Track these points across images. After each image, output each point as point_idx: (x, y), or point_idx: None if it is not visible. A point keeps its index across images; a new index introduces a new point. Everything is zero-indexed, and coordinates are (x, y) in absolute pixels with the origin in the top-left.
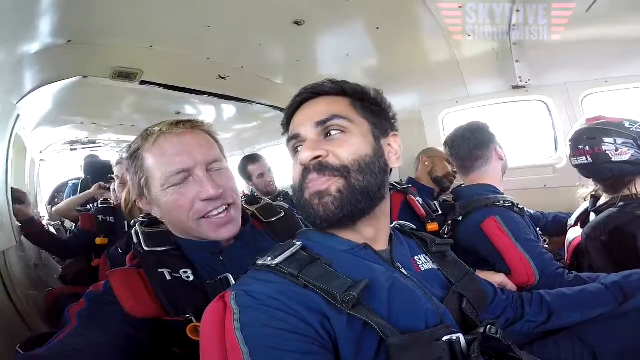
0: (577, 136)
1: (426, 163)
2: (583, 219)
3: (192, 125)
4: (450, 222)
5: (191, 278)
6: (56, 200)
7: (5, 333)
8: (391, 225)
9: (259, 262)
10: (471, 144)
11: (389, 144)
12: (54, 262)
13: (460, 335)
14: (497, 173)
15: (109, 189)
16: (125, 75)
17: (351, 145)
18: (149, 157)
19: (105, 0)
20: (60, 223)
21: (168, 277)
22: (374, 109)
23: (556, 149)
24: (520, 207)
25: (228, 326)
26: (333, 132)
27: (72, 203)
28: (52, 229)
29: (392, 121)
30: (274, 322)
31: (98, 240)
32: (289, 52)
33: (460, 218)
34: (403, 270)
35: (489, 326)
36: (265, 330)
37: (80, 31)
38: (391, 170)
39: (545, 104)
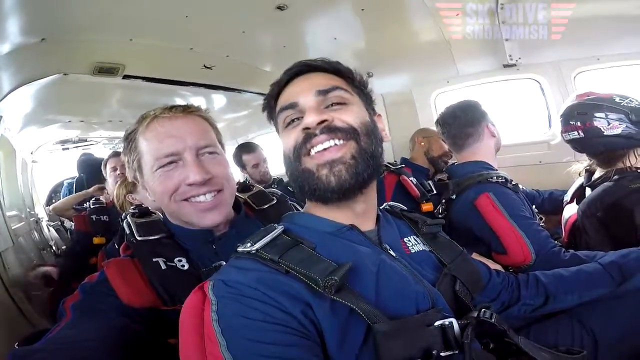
0: (568, 112)
1: (422, 143)
2: (578, 195)
3: (186, 109)
4: (444, 201)
5: (186, 267)
6: (53, 200)
7: (9, 332)
8: (381, 207)
9: (239, 248)
10: (462, 121)
11: (378, 123)
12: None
13: (453, 320)
14: (489, 150)
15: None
16: (106, 70)
17: (354, 112)
18: (142, 140)
19: None
20: (60, 223)
21: (163, 267)
22: (362, 89)
23: (550, 125)
24: (514, 183)
25: (207, 317)
26: (334, 103)
27: (69, 202)
28: (52, 230)
29: (373, 104)
30: (251, 312)
31: (96, 240)
32: (275, 38)
33: (454, 196)
34: (391, 252)
35: (483, 310)
36: (242, 322)
37: (54, 28)
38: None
39: (538, 82)
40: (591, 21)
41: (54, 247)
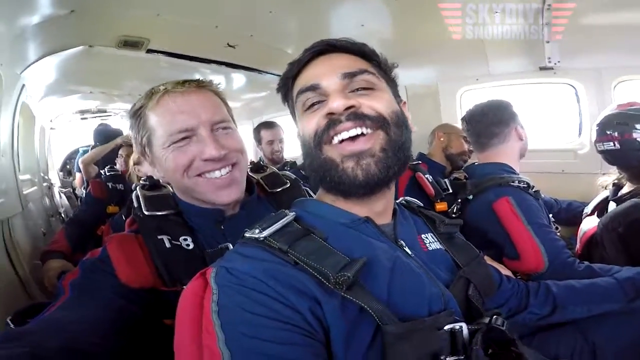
0: (606, 121)
1: (442, 139)
2: (601, 208)
3: (199, 84)
4: (460, 200)
5: (191, 246)
6: (67, 167)
7: (6, 302)
8: (397, 201)
9: (247, 234)
10: (490, 119)
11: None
12: None
13: (463, 325)
14: (514, 153)
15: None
16: (131, 44)
17: (384, 100)
18: (152, 116)
19: None
20: (71, 190)
21: (167, 245)
22: (390, 76)
23: (580, 134)
24: (536, 189)
25: (206, 307)
26: (361, 87)
27: (98, 152)
28: (63, 197)
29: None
30: (254, 306)
31: (109, 209)
32: (301, 21)
33: (471, 197)
34: (406, 249)
35: (494, 316)
36: (243, 315)
37: (83, 0)
38: None
39: (574, 87)
40: (637, 29)
41: (62, 214)
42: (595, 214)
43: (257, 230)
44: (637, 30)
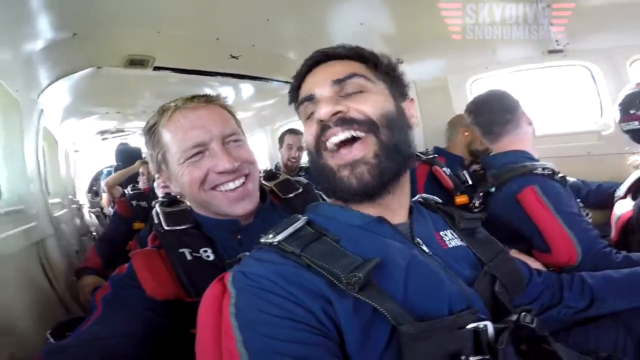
0: (628, 100)
1: (466, 134)
2: (634, 189)
3: (207, 99)
4: (482, 194)
5: (211, 257)
6: (94, 188)
7: (46, 316)
8: (413, 199)
9: (262, 239)
10: (498, 107)
11: (407, 109)
12: None
13: (488, 323)
14: (528, 138)
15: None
16: (138, 62)
17: (373, 102)
18: (165, 132)
19: None
20: (100, 210)
21: (189, 257)
22: (389, 73)
23: (602, 115)
24: (562, 175)
25: (224, 310)
26: (352, 91)
27: (117, 178)
28: (92, 216)
29: (406, 88)
30: (269, 307)
31: (136, 225)
32: (300, 26)
33: (493, 189)
34: (424, 247)
35: (523, 313)
36: (260, 316)
37: (83, 23)
38: None
39: (589, 69)
40: None
41: (94, 233)
42: (629, 196)
43: (271, 235)
44: None
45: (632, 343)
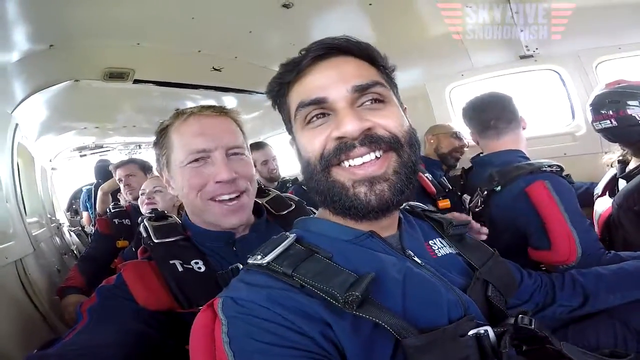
0: (598, 100)
1: (432, 141)
2: (611, 187)
3: (222, 110)
4: (485, 192)
5: (202, 269)
6: (74, 206)
7: (32, 339)
8: (400, 207)
9: (250, 260)
10: (500, 106)
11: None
12: None
13: (489, 328)
14: (524, 140)
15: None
16: (117, 75)
17: (395, 116)
18: (175, 134)
19: (83, 1)
20: (80, 228)
21: (180, 269)
22: (393, 80)
23: (573, 116)
24: (567, 173)
25: (217, 338)
26: (372, 102)
27: (113, 183)
28: (73, 235)
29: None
30: (264, 335)
31: (119, 243)
32: (282, 37)
33: (499, 188)
34: (416, 259)
35: (520, 316)
36: (254, 345)
37: (61, 35)
38: None
39: (558, 72)
40: (610, 10)
41: (75, 251)
42: (607, 194)
43: (259, 257)
44: (608, 10)
45: (632, 336)
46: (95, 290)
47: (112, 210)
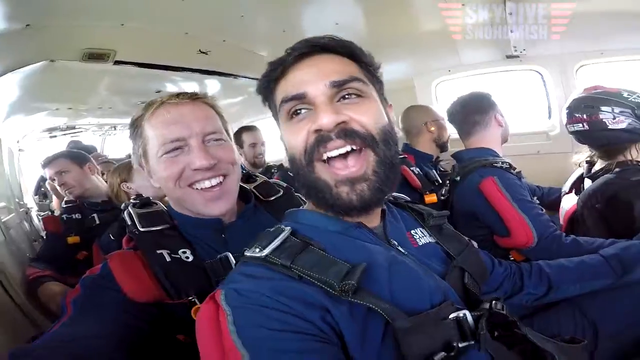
0: (575, 104)
1: (432, 129)
2: (578, 186)
3: (193, 96)
4: (448, 182)
5: (190, 258)
6: (42, 189)
7: (10, 331)
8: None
9: (247, 253)
10: (471, 109)
11: (390, 116)
12: None
13: (467, 312)
14: (495, 139)
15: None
16: (96, 56)
17: (372, 112)
18: (148, 126)
19: None
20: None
21: (168, 259)
22: (377, 77)
23: (550, 116)
24: (517, 170)
25: (224, 329)
26: (350, 96)
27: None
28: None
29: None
30: (270, 322)
31: (70, 240)
32: (274, 23)
33: (458, 178)
34: (400, 248)
35: (494, 301)
36: (262, 332)
37: (38, 14)
38: None
39: (540, 73)
40: (596, 16)
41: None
42: (573, 191)
43: (257, 249)
44: (594, 17)
45: (588, 325)
46: (80, 280)
47: (63, 207)
